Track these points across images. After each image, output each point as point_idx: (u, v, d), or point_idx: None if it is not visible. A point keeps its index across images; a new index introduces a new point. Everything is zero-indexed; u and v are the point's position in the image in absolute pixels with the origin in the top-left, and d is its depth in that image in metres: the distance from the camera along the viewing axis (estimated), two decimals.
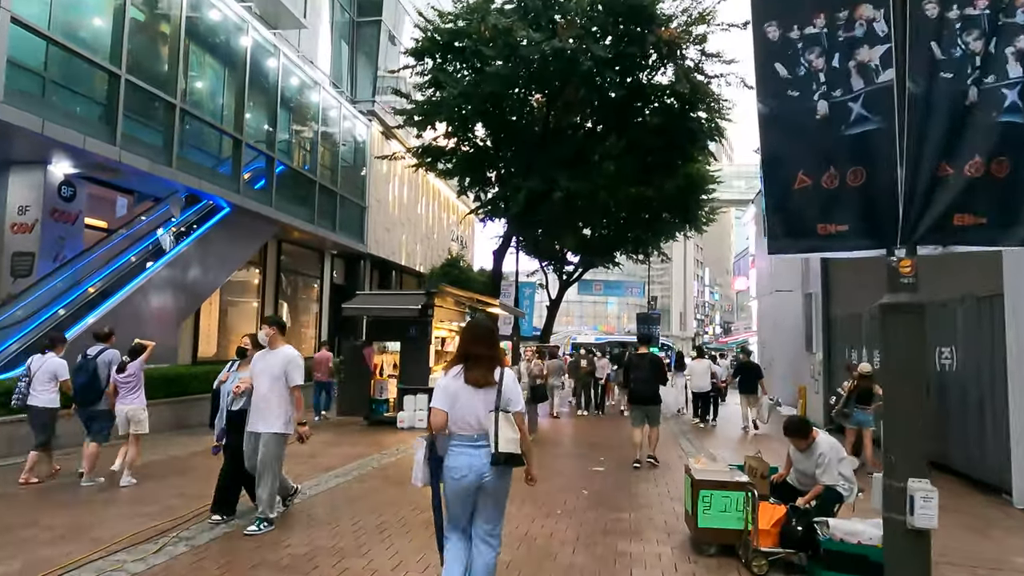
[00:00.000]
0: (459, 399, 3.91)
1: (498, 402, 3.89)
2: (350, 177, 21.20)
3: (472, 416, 3.89)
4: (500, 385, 3.93)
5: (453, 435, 3.94)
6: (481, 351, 4.01)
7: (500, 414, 3.87)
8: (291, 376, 6.21)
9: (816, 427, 6.30)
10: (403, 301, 13.13)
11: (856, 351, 14.04)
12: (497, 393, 3.91)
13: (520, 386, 4.46)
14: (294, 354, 6.32)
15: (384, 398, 13.85)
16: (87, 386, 7.77)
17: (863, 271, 13.92)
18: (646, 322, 29.79)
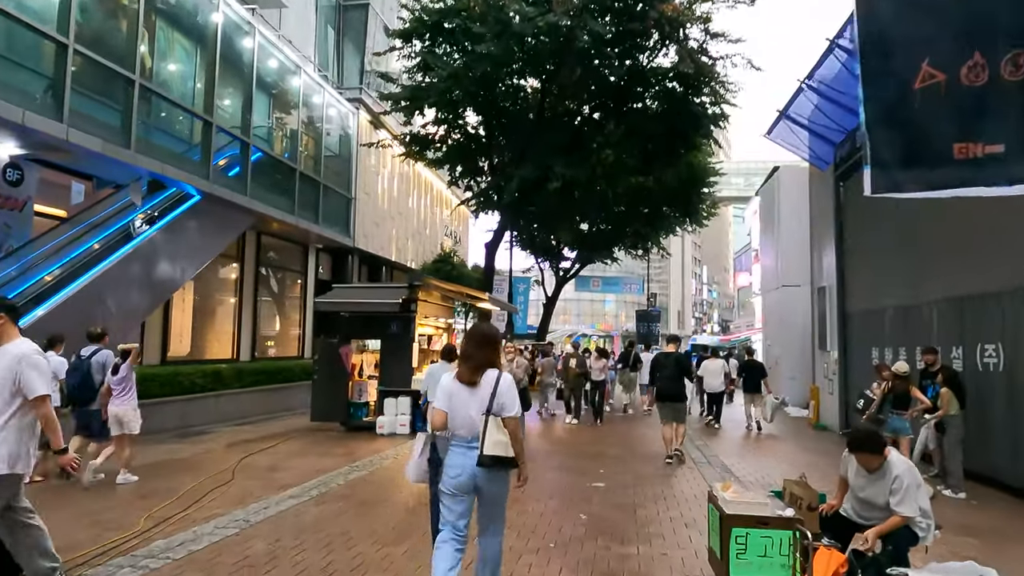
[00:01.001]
0: (455, 398, 3.96)
1: (491, 405, 3.88)
2: (335, 167, 19.79)
3: (466, 417, 3.91)
4: (495, 388, 3.94)
5: (454, 435, 3.98)
6: (471, 351, 4.08)
7: (491, 417, 3.85)
8: (27, 383, 4.09)
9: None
10: (383, 295, 11.73)
11: (878, 349, 12.66)
12: (491, 396, 3.91)
13: None
14: (28, 350, 4.21)
15: (363, 401, 12.45)
16: (81, 386, 7.77)
17: (885, 264, 12.57)
18: (646, 320, 28.40)
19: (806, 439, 13.40)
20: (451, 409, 3.96)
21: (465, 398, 3.95)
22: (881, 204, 12.97)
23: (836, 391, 14.48)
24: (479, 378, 3.98)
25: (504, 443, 3.83)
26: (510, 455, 3.84)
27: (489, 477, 3.89)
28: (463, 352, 4.14)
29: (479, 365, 4.02)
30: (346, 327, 12.50)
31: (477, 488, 3.92)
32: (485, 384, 3.98)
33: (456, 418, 3.95)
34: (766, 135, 16.15)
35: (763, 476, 9.02)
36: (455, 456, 3.95)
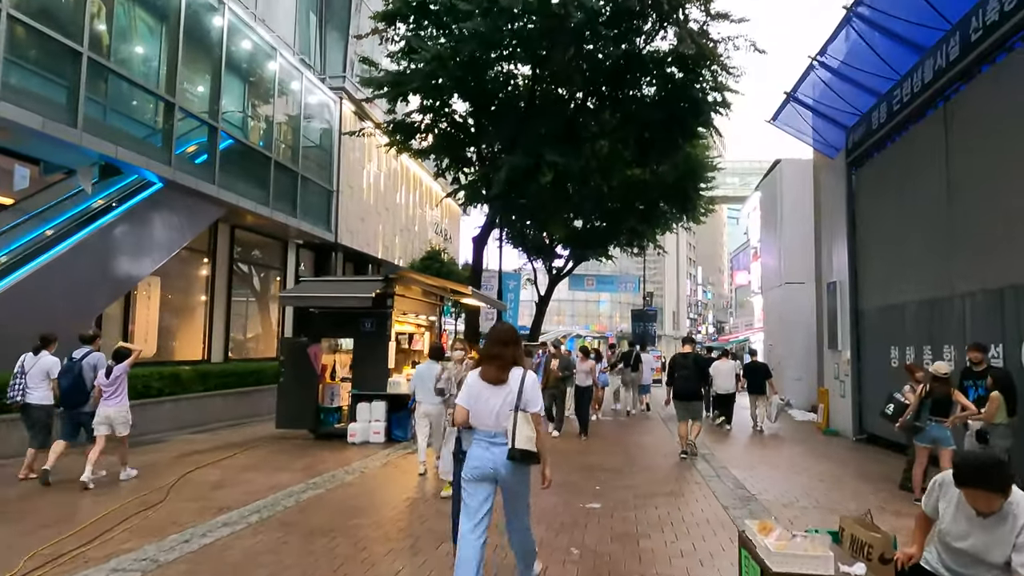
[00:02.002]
0: (480, 396, 4.01)
1: (518, 402, 3.92)
2: (316, 158, 18.50)
3: (490, 413, 3.97)
4: (521, 386, 3.98)
5: (475, 429, 4.05)
6: (496, 351, 4.09)
7: (519, 413, 3.89)
8: None
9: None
10: (355, 289, 10.40)
11: (898, 348, 11.40)
12: (518, 393, 3.95)
13: None
14: None
15: (335, 406, 11.13)
16: (72, 388, 7.66)
17: (906, 255, 11.31)
18: (642, 319, 27.09)
19: (817, 446, 12.12)
20: (474, 406, 4.01)
21: (489, 396, 3.99)
22: (902, 189, 11.69)
23: (848, 394, 13.21)
24: (506, 376, 4.02)
25: (532, 438, 3.87)
26: (535, 451, 3.88)
27: (514, 470, 3.93)
28: (488, 352, 4.15)
29: (505, 364, 4.06)
30: (322, 324, 11.18)
31: (498, 481, 3.96)
32: (511, 382, 4.01)
33: (479, 414, 4.01)
34: (771, 120, 14.90)
35: (783, 493, 7.73)
36: (477, 449, 4.02)
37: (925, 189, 10.45)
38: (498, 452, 3.92)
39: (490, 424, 3.98)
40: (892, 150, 11.72)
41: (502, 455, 3.90)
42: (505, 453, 3.88)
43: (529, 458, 3.88)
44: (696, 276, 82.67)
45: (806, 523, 6.36)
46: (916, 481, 7.53)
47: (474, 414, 4.02)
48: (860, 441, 12.73)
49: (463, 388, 4.14)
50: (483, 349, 4.28)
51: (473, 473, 3.97)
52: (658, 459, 9.87)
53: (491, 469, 3.92)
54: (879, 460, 10.48)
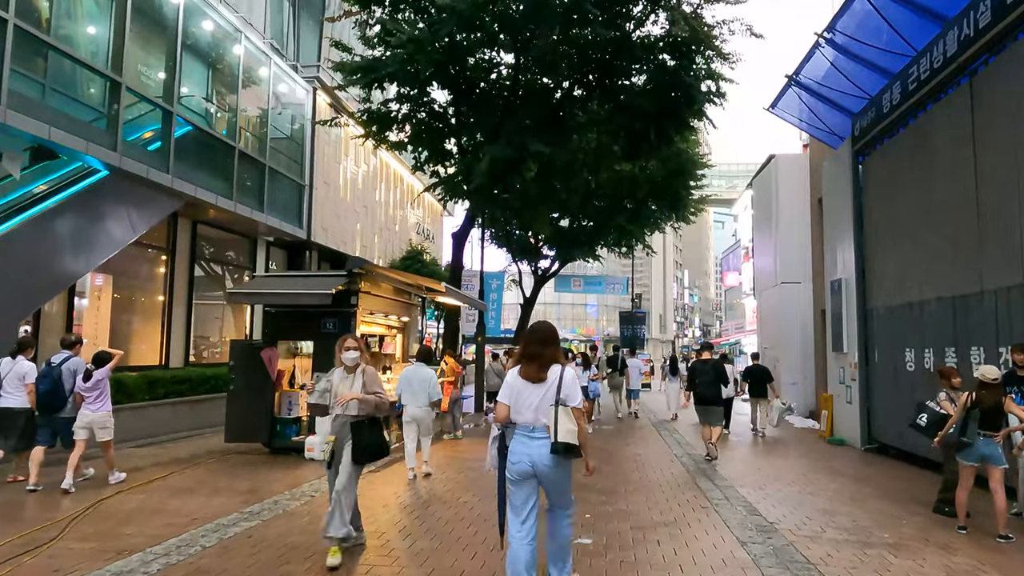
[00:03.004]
0: (520, 394, 4.06)
1: (558, 396, 3.97)
2: (287, 150, 17.14)
3: (528, 409, 4.02)
4: (560, 382, 4.01)
5: (516, 425, 4.08)
6: (535, 350, 4.12)
7: (559, 407, 3.93)
8: None
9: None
10: (314, 285, 9.06)
11: (913, 351, 10.23)
12: (557, 389, 3.99)
13: None
14: None
15: (294, 416, 9.79)
16: (50, 393, 7.47)
17: (924, 248, 10.15)
18: (630, 322, 25.87)
19: (825, 457, 10.92)
20: (515, 403, 4.06)
21: (529, 393, 4.04)
22: (918, 177, 10.37)
23: (856, 400, 12.03)
24: (545, 375, 4.05)
25: (574, 431, 3.91)
26: (577, 444, 3.90)
27: (554, 463, 3.96)
28: (528, 352, 4.16)
29: (545, 362, 4.08)
30: (279, 325, 9.86)
31: (537, 474, 3.99)
32: (550, 378, 4.05)
33: (519, 410, 4.04)
34: (769, 108, 13.77)
35: (803, 520, 6.48)
36: (516, 444, 4.06)
37: (947, 175, 9.29)
38: (536, 446, 3.98)
39: (529, 419, 4.02)
40: (906, 135, 10.56)
41: (540, 448, 3.96)
42: (543, 447, 3.95)
43: (571, 451, 3.92)
44: (683, 280, 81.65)
45: (841, 562, 5.13)
46: (960, 506, 6.32)
47: (514, 410, 4.06)
48: (870, 451, 11.55)
49: (504, 386, 4.16)
50: (522, 348, 4.26)
51: (513, 469, 4.02)
52: (655, 475, 8.61)
53: (529, 464, 3.97)
54: (898, 475, 9.29)
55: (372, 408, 5.16)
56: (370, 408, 5.15)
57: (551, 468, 3.95)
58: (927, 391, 9.64)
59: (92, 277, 12.28)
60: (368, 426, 5.15)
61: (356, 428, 5.09)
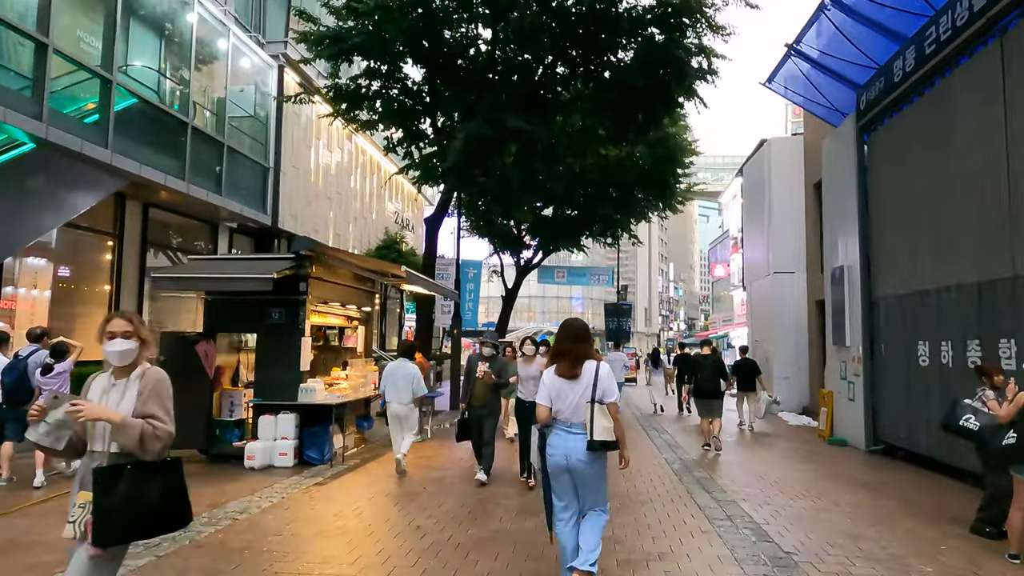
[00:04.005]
0: (560, 392, 4.01)
1: (594, 394, 3.93)
2: (249, 130, 15.74)
3: (567, 405, 3.98)
4: (596, 378, 3.97)
5: (556, 420, 4.03)
6: (569, 346, 4.10)
7: (596, 405, 3.91)
8: None
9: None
10: (255, 269, 7.77)
11: (927, 343, 9.08)
12: (593, 386, 3.95)
13: None
14: None
15: (235, 419, 8.49)
16: (16, 386, 7.22)
17: (943, 231, 9.01)
18: (616, 315, 24.69)
19: (828, 461, 9.78)
20: (555, 401, 4.00)
21: (567, 390, 3.99)
22: (935, 151, 8.76)
23: (859, 397, 10.90)
24: (579, 370, 4.00)
25: (610, 428, 3.89)
26: (614, 439, 3.90)
27: (589, 459, 3.93)
28: (561, 348, 4.14)
29: (579, 358, 4.03)
30: (218, 315, 8.54)
31: (571, 468, 3.95)
32: (585, 375, 3.99)
33: (561, 408, 3.99)
34: (766, 83, 12.59)
35: (824, 547, 5.27)
36: (554, 437, 4.02)
37: (972, 147, 8.13)
38: (572, 440, 3.95)
39: (567, 416, 3.98)
40: (921, 105, 9.39)
41: (575, 443, 3.93)
42: (578, 441, 3.92)
43: (608, 447, 3.91)
44: (668, 273, 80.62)
45: None
46: (1015, 530, 5.14)
47: (555, 409, 4.01)
48: (876, 453, 10.42)
49: (542, 388, 4.09)
50: (555, 345, 4.25)
51: (551, 461, 4.02)
52: (645, 486, 7.40)
53: (564, 459, 3.95)
54: (916, 482, 8.14)
55: (134, 443, 2.82)
56: (131, 442, 2.82)
57: (586, 464, 3.92)
58: (946, 388, 8.53)
59: (18, 263, 10.88)
60: (134, 477, 2.83)
61: (104, 480, 2.80)
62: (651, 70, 13.15)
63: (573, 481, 4.00)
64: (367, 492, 6.85)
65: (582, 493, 4.03)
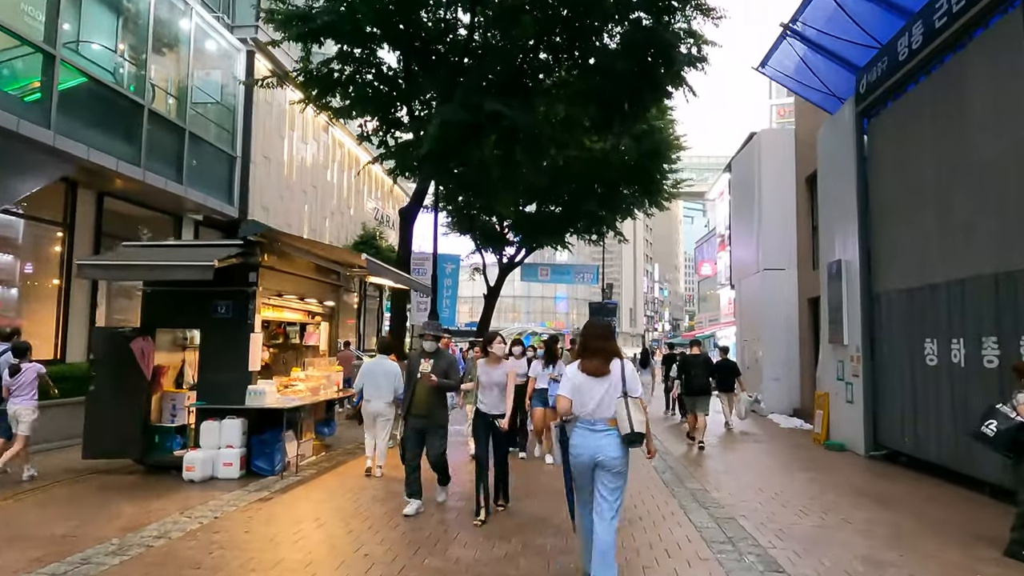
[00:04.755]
0: (581, 388, 3.99)
1: (624, 389, 3.95)
2: (215, 116, 14.72)
3: (591, 402, 3.95)
4: (623, 374, 4.00)
5: (577, 418, 4.01)
6: (598, 345, 4.09)
7: (628, 399, 3.92)
8: None
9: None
10: (196, 256, 6.80)
11: (935, 342, 8.30)
12: (621, 382, 3.96)
13: None
14: None
15: (177, 424, 7.51)
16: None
17: (947, 221, 8.24)
18: (601, 314, 23.81)
19: (828, 468, 8.97)
20: (577, 397, 3.98)
21: (592, 386, 3.97)
22: (946, 133, 7.80)
23: (859, 399, 10.11)
24: (608, 368, 4.00)
25: (643, 421, 3.89)
26: (644, 432, 3.90)
27: (621, 453, 3.93)
28: (589, 346, 4.11)
29: (608, 357, 4.04)
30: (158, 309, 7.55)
31: (598, 464, 3.91)
32: (613, 372, 4.00)
33: (582, 404, 3.97)
34: (759, 67, 11.79)
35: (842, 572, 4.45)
36: (577, 436, 4.00)
37: (989, 127, 7.34)
38: (599, 438, 3.92)
39: (591, 412, 3.96)
40: (928, 86, 8.61)
41: (602, 440, 3.91)
42: (606, 438, 3.91)
43: (640, 439, 3.89)
44: (653, 273, 79.95)
45: None
46: None
47: (577, 404, 3.99)
48: (876, 459, 9.63)
49: (564, 381, 4.07)
50: (583, 343, 4.19)
51: (576, 462, 4.00)
52: (631, 501, 6.48)
53: (591, 455, 3.92)
54: (928, 494, 7.32)
55: None
56: None
57: (616, 459, 3.91)
58: (958, 390, 7.75)
59: None
60: None
61: None
62: (638, 54, 12.32)
63: (596, 478, 3.94)
64: (316, 510, 5.91)
65: (603, 488, 3.93)
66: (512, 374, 5.92)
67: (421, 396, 5.90)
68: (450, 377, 5.98)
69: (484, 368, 5.98)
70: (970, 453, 7.50)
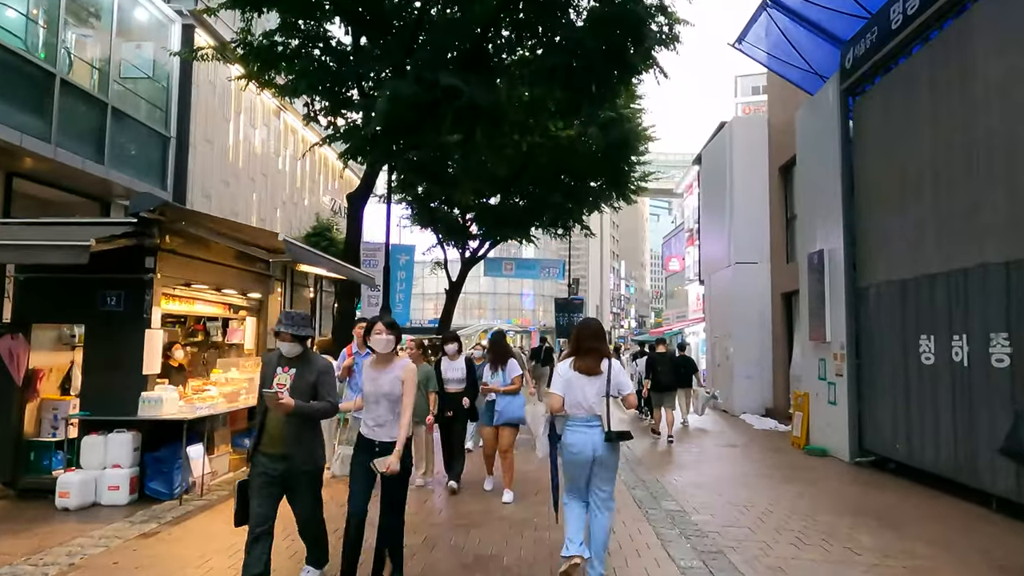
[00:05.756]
0: (572, 385, 4.02)
1: (608, 388, 4.00)
2: (145, 91, 13.23)
3: (584, 400, 4.01)
4: (610, 374, 4.02)
5: (569, 416, 4.07)
6: (591, 344, 4.12)
7: (611, 399, 3.98)
8: None
9: None
10: (70, 235, 5.49)
11: (931, 339, 7.38)
12: (607, 381, 4.01)
13: None
14: None
15: (57, 439, 6.17)
16: None
17: (947, 205, 7.33)
18: (566, 310, 22.79)
19: (815, 478, 8.02)
20: (569, 395, 4.02)
21: (583, 384, 4.02)
22: (946, 108, 6.80)
23: (844, 400, 9.18)
24: (600, 368, 4.04)
25: (625, 420, 4.00)
26: (628, 430, 4.00)
27: (610, 449, 4.02)
28: (583, 346, 4.12)
29: (601, 356, 4.08)
30: (32, 301, 6.20)
31: (595, 459, 3.99)
32: (605, 371, 4.04)
33: (575, 402, 4.02)
34: (735, 43, 10.80)
35: None
36: (573, 435, 4.03)
37: (998, 98, 6.42)
38: (592, 434, 3.98)
39: (585, 410, 4.01)
40: (926, 56, 7.68)
41: (597, 437, 3.96)
42: (600, 435, 3.96)
43: (623, 437, 3.99)
44: (619, 271, 79.33)
45: None
46: None
47: (570, 402, 4.02)
48: (863, 466, 8.72)
49: (556, 378, 4.08)
50: (577, 342, 4.17)
51: (574, 459, 4.03)
52: None
53: (589, 451, 3.97)
54: (935, 511, 6.35)
55: None
56: None
57: (607, 454, 4.00)
58: (961, 392, 6.81)
59: None
60: None
61: None
62: (606, 31, 11.23)
63: (589, 473, 4.02)
64: (207, 547, 4.67)
65: (597, 482, 4.05)
66: (411, 380, 3.96)
67: (274, 427, 3.77)
68: (320, 397, 3.83)
69: (369, 371, 4.07)
70: (973, 463, 6.60)
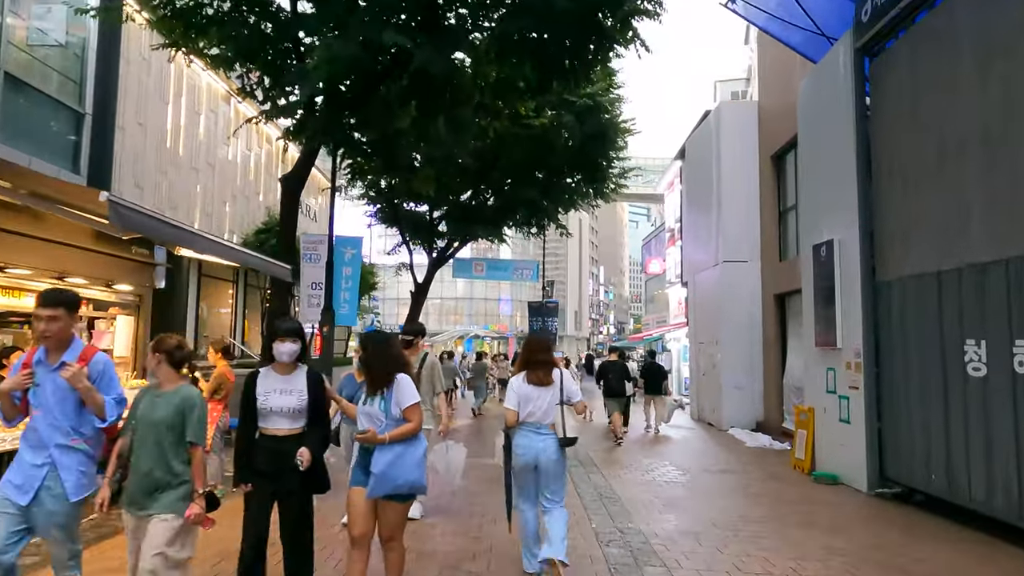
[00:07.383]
0: (529, 398, 4.17)
1: (561, 397, 4.18)
2: (56, 63, 11.30)
3: (538, 410, 4.15)
4: (561, 383, 4.22)
5: (523, 423, 4.17)
6: (540, 357, 4.32)
7: (564, 407, 4.18)
8: None
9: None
10: None
11: (985, 344, 5.74)
12: (560, 390, 4.19)
13: None
14: None
15: None
16: None
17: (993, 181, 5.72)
18: (540, 314, 21.06)
19: (834, 516, 6.35)
20: (524, 407, 4.15)
21: (536, 396, 4.16)
22: (1005, 60, 5.08)
23: (860, 419, 7.52)
24: (551, 379, 4.22)
25: (576, 427, 4.20)
26: (577, 436, 4.19)
27: (558, 455, 4.13)
28: (534, 359, 4.30)
29: (550, 369, 4.26)
30: None
31: (539, 466, 4.09)
32: (555, 381, 4.22)
33: (530, 412, 4.15)
34: (727, 3, 9.17)
35: None
36: (522, 438, 4.16)
37: None
38: (541, 441, 4.09)
39: (538, 418, 4.14)
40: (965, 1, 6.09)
41: (543, 443, 4.09)
42: (546, 441, 4.10)
43: (574, 442, 4.15)
44: (598, 276, 77.76)
45: None
46: None
47: (524, 413, 4.15)
48: (886, 498, 7.08)
49: (510, 394, 4.22)
50: (527, 357, 4.34)
51: (520, 461, 4.13)
52: None
53: (533, 456, 4.08)
54: (985, 564, 4.70)
55: None
56: None
57: (554, 461, 4.09)
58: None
59: None
60: None
61: None
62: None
63: (537, 477, 4.11)
64: None
65: (546, 486, 4.13)
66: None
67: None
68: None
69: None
70: None
